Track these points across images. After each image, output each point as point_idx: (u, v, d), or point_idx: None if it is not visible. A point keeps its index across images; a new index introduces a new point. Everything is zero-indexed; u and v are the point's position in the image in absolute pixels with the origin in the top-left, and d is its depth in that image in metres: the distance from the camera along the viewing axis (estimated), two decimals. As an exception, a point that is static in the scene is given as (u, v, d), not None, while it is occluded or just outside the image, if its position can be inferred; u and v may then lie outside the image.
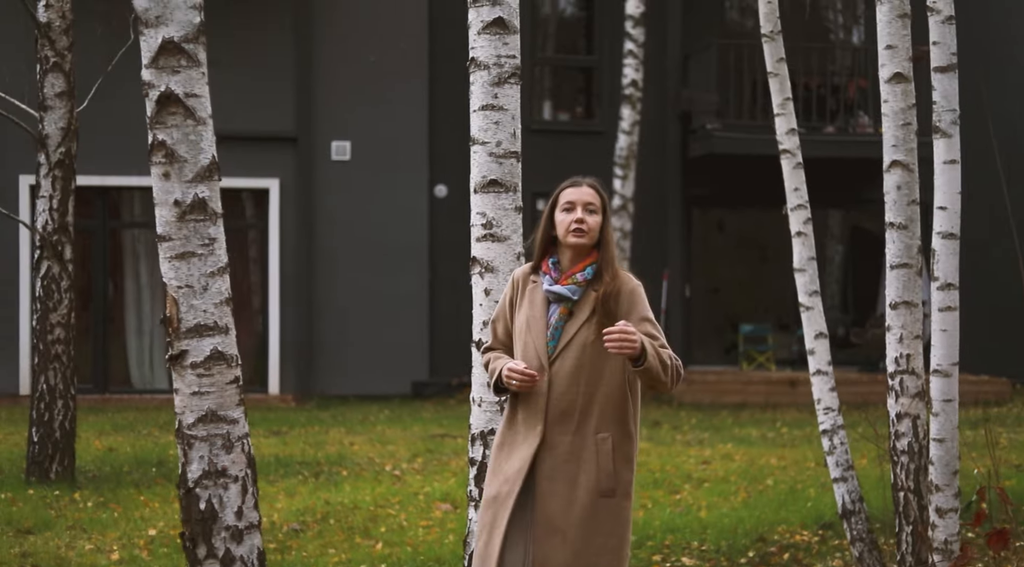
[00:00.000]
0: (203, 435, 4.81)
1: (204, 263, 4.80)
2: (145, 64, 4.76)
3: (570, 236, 4.69)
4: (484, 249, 5.71)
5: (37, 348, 10.74)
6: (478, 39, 5.74)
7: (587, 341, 4.61)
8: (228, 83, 17.80)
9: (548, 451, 4.60)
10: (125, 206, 18.49)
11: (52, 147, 10.60)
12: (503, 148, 5.73)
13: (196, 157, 4.77)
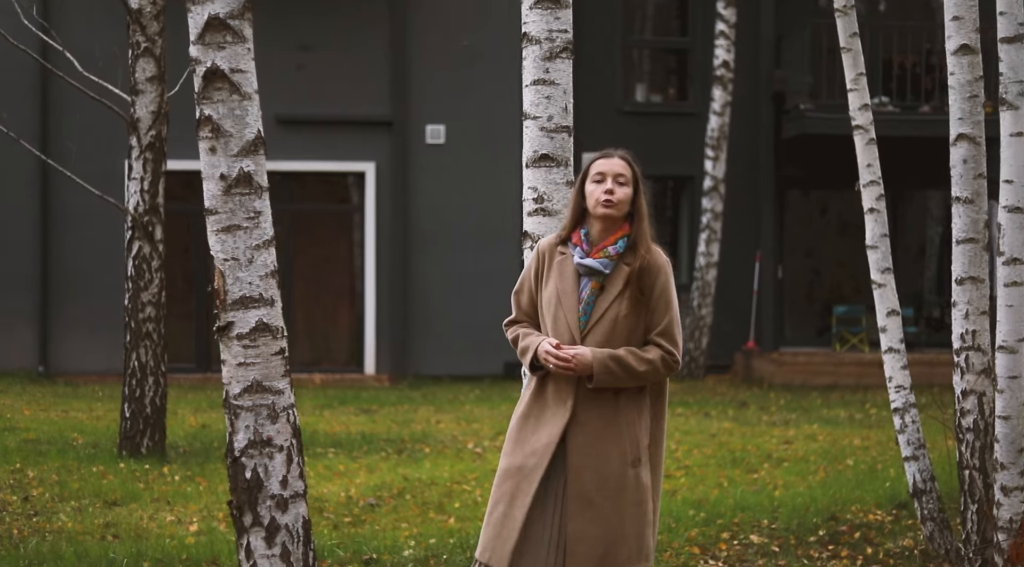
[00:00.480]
0: (249, 405, 4.92)
1: (249, 236, 4.90)
2: (192, 40, 4.87)
3: (600, 208, 4.67)
4: (535, 224, 5.72)
5: (129, 326, 11.01)
6: (530, 13, 5.75)
7: (619, 316, 4.61)
8: (324, 68, 18.09)
9: (579, 426, 4.60)
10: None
11: (143, 130, 10.84)
12: (554, 122, 5.74)
13: (241, 132, 4.87)
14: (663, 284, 4.67)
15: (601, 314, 4.63)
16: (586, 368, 4.53)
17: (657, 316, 4.65)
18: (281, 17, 18.03)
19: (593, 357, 4.54)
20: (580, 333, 4.63)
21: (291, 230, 18.44)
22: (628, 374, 4.57)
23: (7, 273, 17.84)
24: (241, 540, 4.95)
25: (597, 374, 4.53)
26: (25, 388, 16.02)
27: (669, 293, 4.69)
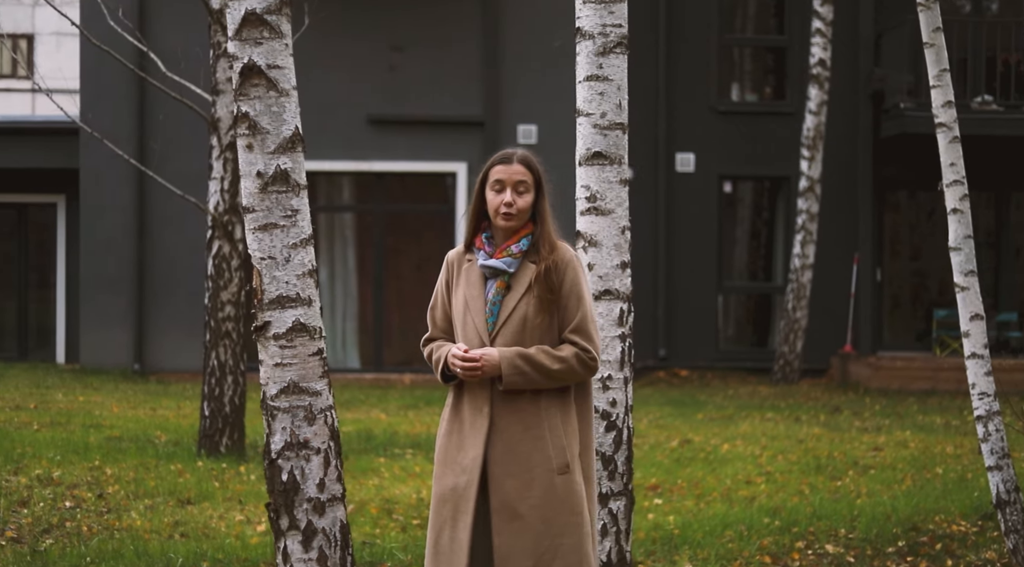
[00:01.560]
0: (285, 406, 4.83)
1: (286, 235, 4.81)
2: (230, 36, 4.80)
3: (500, 219, 4.52)
4: (587, 223, 5.61)
5: (208, 325, 11.05)
6: (583, 8, 5.62)
7: (527, 314, 4.44)
8: (416, 69, 18.07)
9: (498, 435, 4.42)
10: (320, 189, 18.89)
11: (223, 130, 10.87)
12: (608, 119, 5.61)
13: (279, 128, 4.78)
14: (572, 279, 4.49)
15: (509, 314, 4.47)
16: (494, 369, 4.36)
17: (569, 313, 4.47)
18: (373, 18, 18.06)
19: (500, 356, 4.37)
20: (489, 335, 4.46)
21: (383, 231, 18.46)
22: (541, 374, 4.38)
23: (105, 273, 18.08)
24: (279, 543, 4.86)
25: (506, 374, 4.36)
26: (118, 386, 16.21)
27: (580, 288, 4.50)
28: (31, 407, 13.42)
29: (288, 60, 4.82)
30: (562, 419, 4.44)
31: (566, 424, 4.44)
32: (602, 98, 5.61)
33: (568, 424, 4.45)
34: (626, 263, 5.62)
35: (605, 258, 5.57)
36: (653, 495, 9.47)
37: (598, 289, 5.56)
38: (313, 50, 17.41)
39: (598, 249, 5.58)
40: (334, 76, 17.97)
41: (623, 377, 5.60)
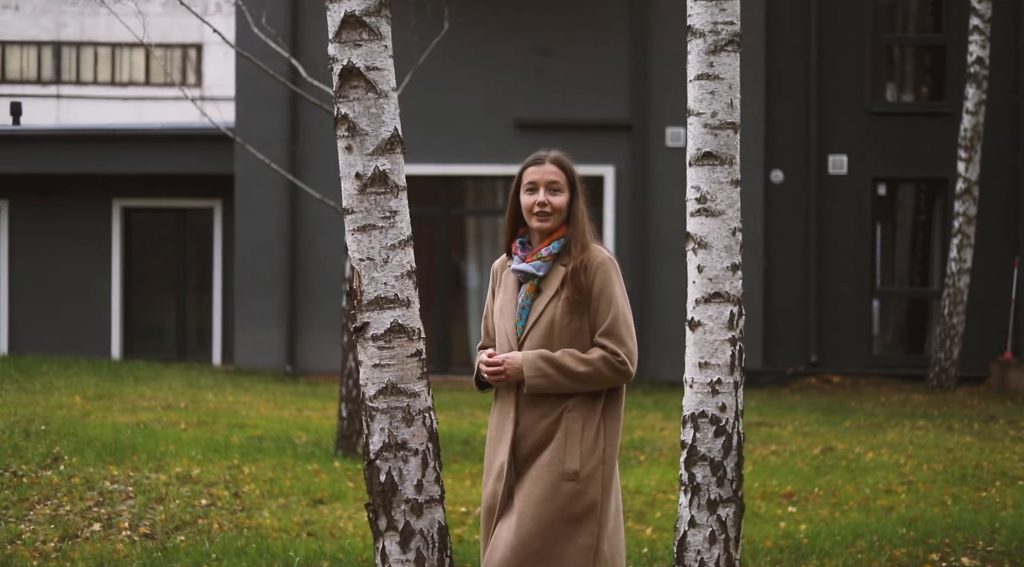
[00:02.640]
0: (383, 407, 4.83)
1: (385, 236, 4.82)
2: (330, 39, 4.83)
3: (535, 220, 4.48)
4: (698, 224, 5.50)
5: (346, 327, 11.16)
6: (695, 5, 5.52)
7: (555, 317, 4.38)
8: (563, 71, 18.05)
9: (522, 439, 4.40)
10: (468, 193, 19.00)
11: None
12: (719, 119, 5.49)
13: (377, 130, 4.80)
14: (603, 281, 4.41)
15: (537, 317, 4.41)
16: (517, 372, 4.31)
17: (600, 316, 4.40)
18: (520, 21, 18.09)
19: (523, 359, 4.31)
20: (518, 339, 4.42)
21: (530, 234, 18.47)
22: (565, 376, 4.29)
23: (258, 275, 18.44)
24: (377, 544, 4.87)
25: (528, 376, 4.29)
26: (268, 386, 16.50)
27: (611, 291, 4.42)
28: (181, 406, 13.73)
29: (387, 62, 4.83)
30: (584, 425, 4.34)
31: (587, 430, 4.34)
32: (713, 97, 5.50)
33: (590, 431, 4.35)
34: (737, 265, 5.50)
35: (715, 260, 5.46)
36: (787, 503, 9.28)
37: (707, 291, 5.45)
38: (459, 54, 17.54)
39: (708, 251, 5.46)
40: (481, 80, 18.06)
41: (733, 381, 5.49)
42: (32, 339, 19.89)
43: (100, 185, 20.04)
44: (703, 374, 5.45)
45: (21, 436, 10.87)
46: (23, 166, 19.87)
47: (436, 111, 17.84)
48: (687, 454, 5.49)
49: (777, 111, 18.09)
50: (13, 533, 7.72)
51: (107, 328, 20.10)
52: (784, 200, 18.11)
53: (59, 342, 19.78)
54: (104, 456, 10.10)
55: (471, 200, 18.98)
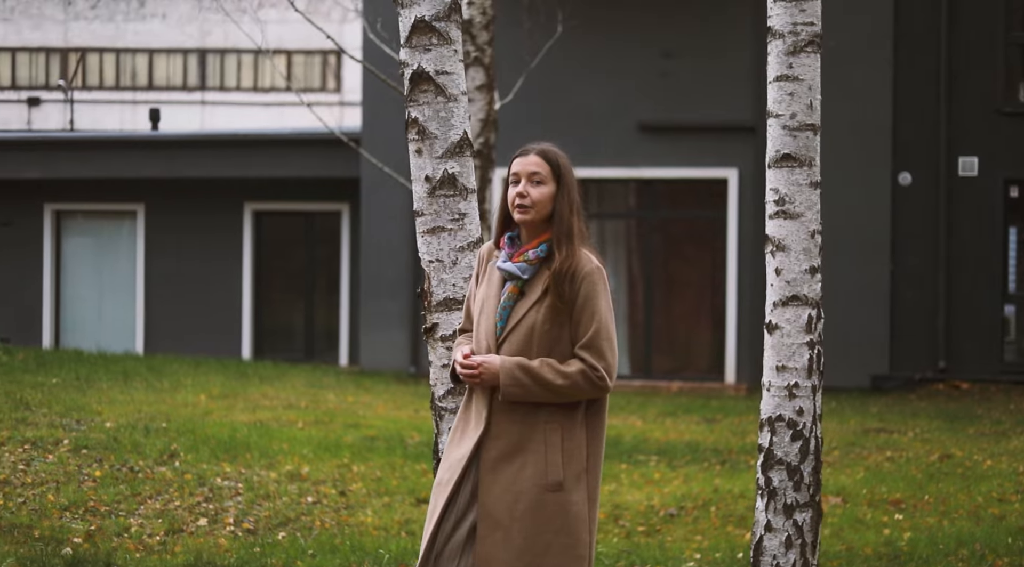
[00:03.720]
0: (452, 407, 4.90)
1: (454, 238, 4.89)
2: (401, 43, 4.91)
3: (516, 212, 4.30)
4: (776, 227, 5.47)
5: (456, 329, 11.26)
6: (774, 6, 5.50)
7: (536, 323, 4.21)
8: (687, 74, 17.97)
9: (492, 441, 4.23)
10: (591, 197, 19.02)
11: (472, 137, 11.05)
12: (798, 121, 5.46)
13: (446, 133, 4.87)
14: (587, 292, 4.21)
15: (518, 321, 4.25)
16: (493, 377, 4.17)
17: (582, 328, 4.21)
18: (644, 25, 18.05)
19: (500, 366, 4.16)
20: (496, 340, 4.27)
21: (653, 237, 18.43)
22: (542, 387, 4.15)
23: (384, 277, 18.70)
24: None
25: (504, 384, 4.15)
26: (389, 387, 16.72)
27: (595, 302, 4.21)
28: (301, 406, 13.99)
29: (457, 66, 4.89)
30: (563, 435, 4.21)
31: (567, 440, 4.22)
32: (792, 99, 5.47)
33: (570, 440, 4.22)
34: (815, 268, 5.46)
35: (793, 263, 5.43)
36: (895, 510, 9.14)
37: (785, 295, 5.42)
38: (579, 57, 17.59)
39: (786, 254, 5.43)
40: (604, 84, 18.06)
41: (811, 385, 5.44)
42: (166, 339, 20.43)
43: (232, 189, 20.50)
44: (780, 378, 5.42)
45: (142, 433, 11.19)
46: (160, 171, 20.43)
47: (558, 114, 17.87)
48: (764, 458, 5.46)
49: (906, 112, 17.78)
50: (122, 526, 7.95)
51: (238, 329, 20.55)
52: (913, 203, 17.79)
53: (192, 342, 20.28)
54: (219, 453, 10.35)
55: (594, 203, 18.99)
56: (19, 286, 21.42)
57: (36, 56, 46.28)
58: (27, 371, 15.95)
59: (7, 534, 7.48)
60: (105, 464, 9.91)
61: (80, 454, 10.23)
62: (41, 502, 8.42)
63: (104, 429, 11.39)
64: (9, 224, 21.43)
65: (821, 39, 5.49)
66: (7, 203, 21.51)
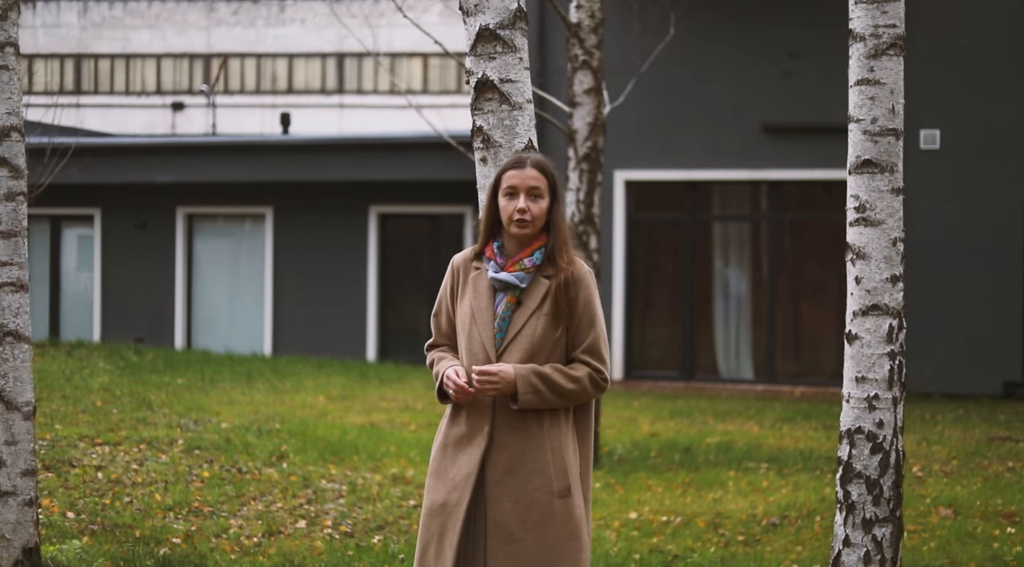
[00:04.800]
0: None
1: (519, 247, 4.85)
2: (467, 51, 4.90)
3: (513, 226, 4.28)
4: (856, 234, 5.35)
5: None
6: (855, 8, 5.38)
7: (537, 332, 4.22)
8: (811, 75, 17.69)
9: (497, 453, 4.20)
10: (714, 199, 18.83)
11: (579, 141, 11.03)
12: (879, 125, 5.34)
13: (511, 142, 4.84)
14: (586, 297, 4.26)
15: (518, 330, 4.24)
16: (509, 386, 4.13)
17: (582, 332, 4.25)
18: (766, 26, 17.82)
19: (516, 374, 4.13)
20: (496, 351, 4.24)
21: (777, 240, 18.17)
22: (555, 393, 4.16)
23: (505, 280, 18.75)
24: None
25: (522, 392, 4.13)
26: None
27: (593, 307, 4.27)
28: (417, 408, 14.08)
29: (522, 74, 4.86)
30: (564, 440, 4.24)
31: (567, 445, 4.25)
32: (873, 103, 5.35)
33: (569, 445, 4.25)
34: (897, 276, 5.32)
35: (874, 271, 5.30)
36: (1007, 523, 8.87)
37: (865, 304, 5.29)
38: (699, 60, 17.43)
39: (866, 262, 5.31)
40: (727, 85, 17.87)
41: (892, 397, 5.31)
42: (293, 341, 20.74)
43: (358, 192, 20.74)
44: (860, 389, 5.30)
45: (255, 434, 11.37)
46: (288, 174, 20.74)
47: (675, 117, 17.75)
48: (842, 471, 5.34)
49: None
50: (221, 527, 8.09)
51: (363, 331, 20.78)
52: None
53: (318, 344, 20.56)
54: (326, 455, 10.46)
55: (718, 205, 18.80)
56: (153, 288, 21.94)
57: (180, 62, 47.42)
58: (155, 371, 16.34)
59: (109, 533, 7.64)
60: (215, 465, 10.10)
61: (192, 454, 10.44)
62: (147, 502, 8.61)
63: (219, 430, 11.61)
64: (144, 227, 21.95)
65: (904, 42, 5.33)
66: (142, 206, 22.04)
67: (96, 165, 20.84)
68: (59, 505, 8.26)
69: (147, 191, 21.88)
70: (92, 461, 9.85)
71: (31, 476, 6.09)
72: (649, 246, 18.75)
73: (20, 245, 6.08)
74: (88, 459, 9.92)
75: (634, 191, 18.45)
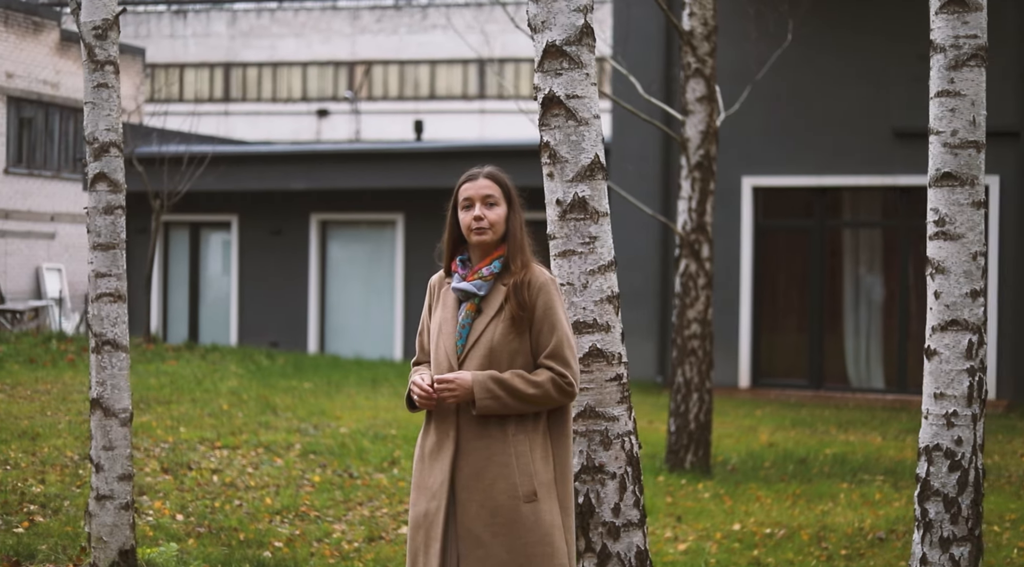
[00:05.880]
0: (582, 430, 4.90)
1: (584, 261, 4.89)
2: (534, 68, 4.94)
3: (473, 235, 4.38)
4: (936, 248, 5.27)
5: (675, 342, 11.20)
6: (936, 19, 5.31)
7: (495, 337, 4.29)
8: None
9: (463, 459, 4.28)
10: (844, 205, 18.56)
11: (692, 150, 10.98)
12: (959, 138, 5.25)
13: (577, 157, 4.88)
14: (545, 302, 4.28)
15: (478, 337, 4.32)
16: (466, 393, 4.20)
17: (543, 338, 4.27)
18: (901, 29, 17.50)
19: (473, 380, 4.20)
20: (457, 358, 4.32)
21: (909, 246, 17.82)
22: (515, 398, 4.19)
23: (633, 287, 18.70)
24: (579, 564, 4.95)
25: (478, 398, 4.19)
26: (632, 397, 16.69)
27: (554, 312, 4.27)
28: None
29: (589, 89, 4.89)
30: (531, 445, 4.25)
31: (535, 450, 4.26)
32: (953, 115, 5.26)
33: (538, 450, 4.26)
34: (977, 291, 5.23)
35: (953, 286, 5.21)
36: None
37: (944, 319, 5.20)
38: (831, 64, 17.20)
39: (945, 276, 5.22)
40: (855, 89, 17.59)
41: (971, 414, 5.21)
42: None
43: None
44: (938, 405, 5.22)
45: (370, 439, 11.55)
46: (418, 180, 20.99)
47: (807, 122, 17.52)
48: (920, 488, 5.26)
49: None
50: (325, 531, 8.24)
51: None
52: None
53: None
54: (437, 461, 10.57)
55: (848, 211, 18.52)
56: (288, 293, 22.38)
57: (324, 69, 48.24)
58: (284, 376, 16.67)
59: (215, 536, 7.84)
60: (328, 469, 10.29)
61: (307, 459, 10.65)
62: (256, 505, 8.81)
63: (336, 435, 11.82)
64: (279, 233, 22.41)
65: (986, 52, 5.24)
66: (278, 213, 22.51)
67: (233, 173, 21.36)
68: (170, 508, 8.50)
69: (282, 198, 22.34)
70: (209, 464, 10.11)
71: (127, 480, 6.29)
72: (777, 253, 18.55)
73: (118, 257, 6.29)
74: (206, 462, 10.18)
75: (762, 197, 18.27)
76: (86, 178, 6.17)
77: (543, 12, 4.89)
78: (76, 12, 6.45)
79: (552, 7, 4.87)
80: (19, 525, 7.68)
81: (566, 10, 4.87)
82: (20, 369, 15.20)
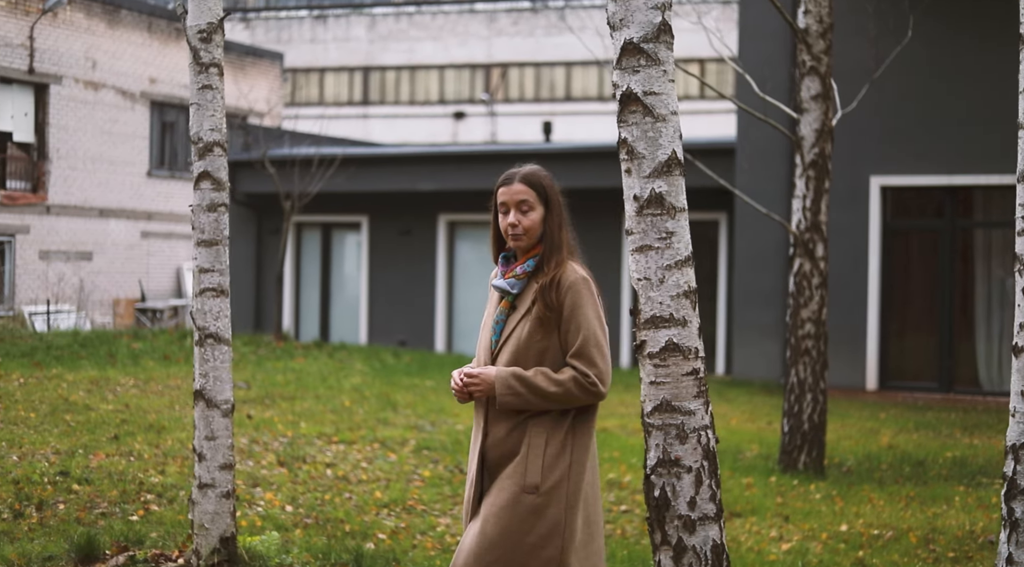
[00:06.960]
0: (658, 424, 4.93)
1: (661, 256, 4.91)
2: (613, 65, 5.00)
3: (510, 240, 4.51)
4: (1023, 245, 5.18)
5: (789, 342, 11.12)
6: (1025, 12, 5.21)
7: (523, 334, 4.38)
8: None
9: (491, 449, 4.43)
10: (976, 204, 18.21)
11: (806, 148, 10.90)
12: (1050, 132, 5.15)
13: (654, 153, 4.90)
14: (573, 302, 4.37)
15: (509, 333, 4.43)
16: (489, 388, 4.34)
17: (570, 337, 4.36)
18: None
19: (496, 376, 4.32)
20: (491, 353, 4.46)
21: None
22: (536, 395, 4.28)
23: (757, 287, 18.59)
24: (655, 557, 4.98)
25: (499, 393, 4.32)
26: (753, 397, 16.61)
27: (581, 311, 4.35)
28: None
29: (666, 86, 4.92)
30: (548, 440, 4.35)
31: (550, 445, 4.34)
32: (1044, 109, 5.17)
33: (554, 446, 4.35)
34: (1066, 288, 5.13)
35: (1039, 283, 5.12)
36: None
37: None
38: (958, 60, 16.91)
39: (1034, 273, 5.14)
40: (983, 86, 17.21)
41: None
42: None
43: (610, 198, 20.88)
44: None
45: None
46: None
47: (934, 120, 17.21)
48: (1007, 487, 5.18)
49: None
50: (429, 524, 8.38)
51: (617, 336, 20.93)
52: None
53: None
54: (548, 458, 10.65)
55: (980, 211, 18.16)
56: (416, 292, 22.67)
57: (461, 72, 48.68)
58: (408, 374, 16.91)
59: (321, 527, 8.03)
60: (439, 465, 10.44)
61: (420, 455, 10.82)
62: (365, 499, 8.99)
63: (452, 432, 11.97)
64: (408, 233, 22.71)
65: (1078, 45, 5.15)
66: (407, 213, 22.81)
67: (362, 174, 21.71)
68: (281, 499, 8.72)
69: (411, 199, 22.63)
70: (325, 458, 10.33)
71: (228, 470, 6.49)
72: (906, 253, 18.27)
73: (221, 253, 6.48)
74: (321, 456, 10.41)
75: (890, 197, 18.01)
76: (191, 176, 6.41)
77: (621, 10, 4.93)
78: (183, 16, 6.67)
79: (630, 5, 4.91)
80: (135, 513, 7.95)
81: (644, 8, 4.90)
82: (154, 365, 15.66)
